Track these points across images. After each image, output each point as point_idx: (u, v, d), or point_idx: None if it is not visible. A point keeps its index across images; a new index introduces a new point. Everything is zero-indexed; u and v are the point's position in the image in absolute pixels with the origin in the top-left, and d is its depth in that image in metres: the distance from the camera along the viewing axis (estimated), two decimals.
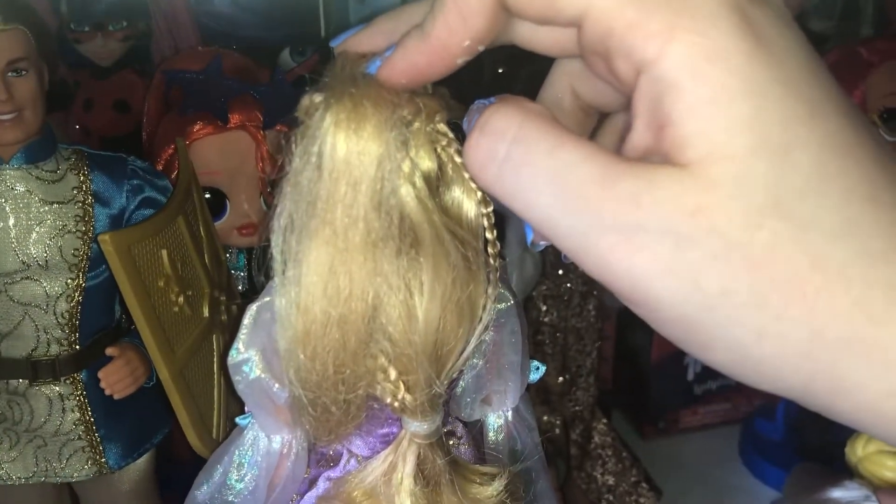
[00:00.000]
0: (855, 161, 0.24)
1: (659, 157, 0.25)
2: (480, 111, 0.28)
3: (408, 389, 0.37)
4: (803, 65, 0.24)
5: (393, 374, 0.37)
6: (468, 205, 0.35)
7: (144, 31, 1.10)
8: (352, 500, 0.43)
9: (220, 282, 0.85)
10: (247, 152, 0.91)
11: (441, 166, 0.34)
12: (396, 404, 0.38)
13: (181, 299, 0.76)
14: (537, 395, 1.15)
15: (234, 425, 0.85)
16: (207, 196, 0.92)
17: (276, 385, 0.52)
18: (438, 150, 0.34)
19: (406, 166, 0.33)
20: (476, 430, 0.59)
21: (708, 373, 1.32)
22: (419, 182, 0.33)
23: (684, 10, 0.24)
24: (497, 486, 0.44)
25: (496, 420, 0.58)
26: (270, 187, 0.92)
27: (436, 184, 0.34)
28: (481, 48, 0.29)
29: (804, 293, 0.23)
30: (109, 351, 0.79)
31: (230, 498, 0.57)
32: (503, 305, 0.53)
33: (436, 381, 0.37)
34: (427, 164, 0.34)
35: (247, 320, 0.52)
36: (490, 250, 0.36)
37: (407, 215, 0.33)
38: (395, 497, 0.41)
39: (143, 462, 0.89)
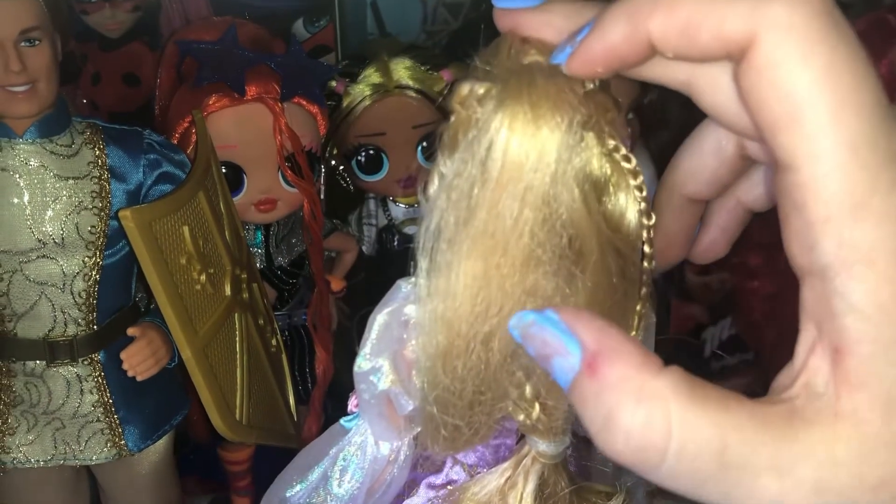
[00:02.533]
0: None
1: (827, 383, 0.23)
2: (560, 353, 0.26)
3: (543, 410, 0.35)
4: None
5: (529, 391, 0.34)
6: (630, 214, 0.32)
7: (153, 1, 1.07)
8: None
9: (241, 259, 0.83)
10: (264, 125, 0.88)
11: (607, 171, 0.31)
12: (529, 423, 0.36)
13: (203, 277, 0.74)
14: None
15: (256, 408, 0.83)
16: (225, 171, 0.89)
17: (405, 397, 0.49)
18: (605, 153, 0.31)
19: (580, 174, 0.30)
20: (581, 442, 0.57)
21: (725, 348, 1.31)
22: (588, 189, 0.30)
23: (889, 238, 0.22)
24: None
25: None
26: (289, 161, 0.90)
27: (601, 190, 0.31)
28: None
29: None
30: (131, 331, 0.77)
31: (329, 502, 0.54)
32: (646, 322, 0.51)
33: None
34: (596, 168, 0.31)
35: (375, 326, 0.49)
36: (646, 264, 0.33)
37: (576, 228, 0.30)
38: None
39: (162, 444, 0.87)
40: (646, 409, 0.23)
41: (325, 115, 0.93)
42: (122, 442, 0.82)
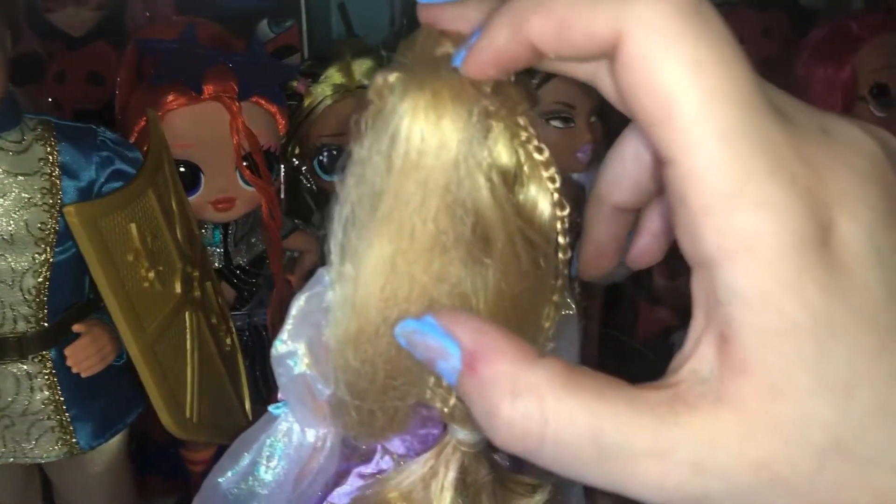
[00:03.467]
0: None
1: (715, 370, 0.23)
2: (443, 356, 0.27)
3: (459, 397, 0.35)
4: (884, 286, 0.23)
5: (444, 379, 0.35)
6: (543, 205, 0.32)
7: (118, 0, 1.07)
8: (387, 501, 0.40)
9: (194, 257, 0.82)
10: (221, 124, 0.88)
11: (519, 162, 0.32)
12: (446, 410, 0.35)
13: (151, 274, 0.74)
14: None
15: (208, 407, 0.83)
16: (182, 169, 0.89)
17: (321, 381, 0.49)
18: (517, 144, 0.31)
19: (485, 161, 0.30)
20: None
21: None
22: (496, 179, 0.31)
23: (766, 225, 0.22)
24: (539, 499, 0.42)
25: None
26: (247, 160, 0.90)
27: (512, 181, 0.32)
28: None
29: None
30: (76, 328, 0.77)
31: (256, 488, 0.55)
32: (565, 314, 0.51)
33: None
34: (505, 158, 0.31)
35: (294, 311, 0.50)
36: (561, 255, 0.33)
37: (481, 216, 0.31)
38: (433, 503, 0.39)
39: (115, 442, 0.87)
40: (522, 401, 0.24)
41: (284, 114, 0.93)
42: (74, 440, 0.82)
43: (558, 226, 0.32)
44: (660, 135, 0.23)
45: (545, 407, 0.24)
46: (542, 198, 0.32)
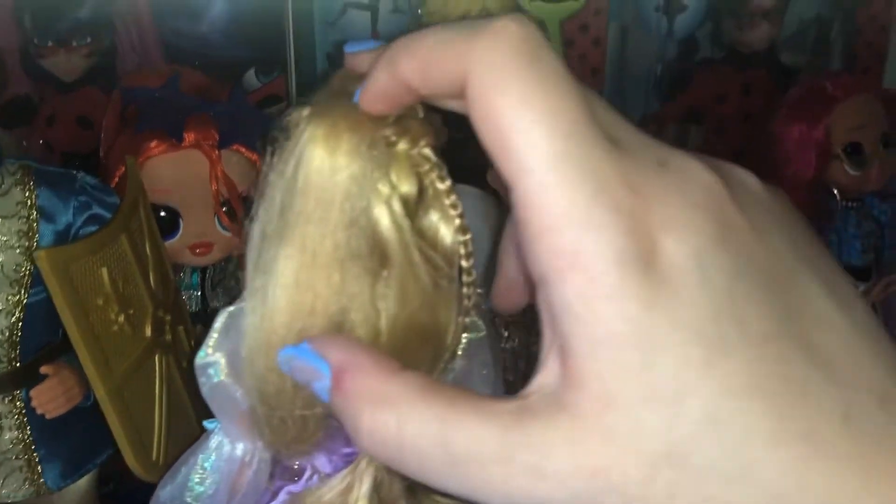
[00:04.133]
0: (761, 397, 0.23)
1: (559, 382, 0.25)
2: (316, 377, 0.29)
3: None
4: (718, 296, 0.24)
5: None
6: (444, 231, 0.35)
7: (109, 47, 1.10)
8: None
9: (166, 301, 0.84)
10: (201, 171, 0.90)
11: (421, 190, 0.34)
12: None
13: (122, 318, 0.75)
14: None
15: (175, 449, 0.84)
16: (162, 214, 0.91)
17: (240, 392, 0.51)
18: (420, 173, 0.34)
19: (384, 187, 0.32)
20: None
21: None
22: (396, 204, 0.33)
23: (590, 244, 0.24)
24: None
25: None
26: (225, 207, 0.92)
27: (414, 207, 0.34)
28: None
29: None
30: (44, 369, 0.78)
31: (189, 500, 0.56)
32: (474, 335, 0.52)
33: None
34: (406, 186, 0.33)
35: (218, 324, 0.52)
36: (465, 278, 0.35)
37: (379, 235, 0.33)
38: None
39: (83, 483, 0.88)
40: (380, 411, 0.26)
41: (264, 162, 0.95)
42: (41, 480, 0.82)
43: (462, 250, 0.34)
44: (501, 164, 0.25)
45: (400, 415, 0.26)
46: (444, 223, 0.34)
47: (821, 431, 0.23)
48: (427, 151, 0.33)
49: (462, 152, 0.38)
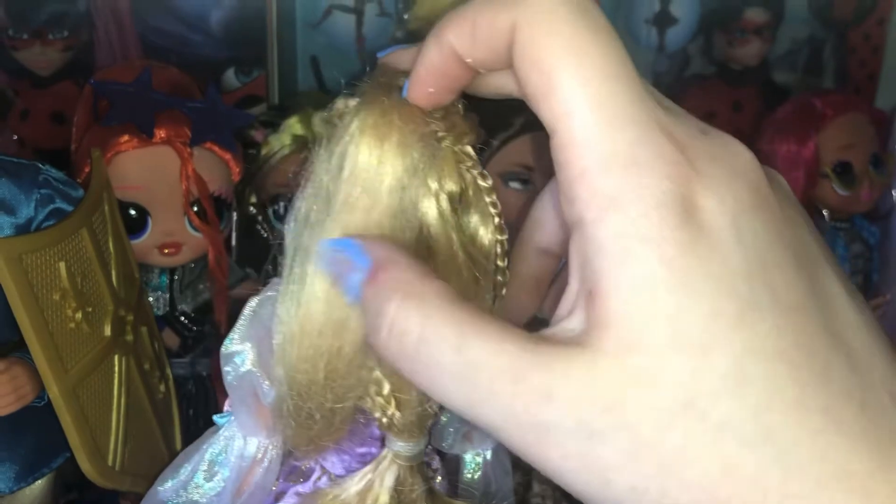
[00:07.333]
0: (787, 364, 0.23)
1: (583, 324, 0.25)
2: (352, 269, 0.29)
3: (398, 406, 0.37)
4: (751, 258, 0.24)
5: (386, 387, 0.36)
6: (484, 230, 0.35)
7: (87, 41, 1.08)
8: None
9: (129, 301, 0.81)
10: (171, 169, 0.88)
11: (463, 187, 0.35)
12: (385, 420, 0.37)
13: (79, 315, 0.72)
14: None
15: (133, 455, 0.81)
16: (132, 212, 0.89)
17: (266, 382, 0.50)
18: (463, 171, 0.34)
19: (433, 182, 0.33)
20: (452, 467, 0.57)
21: None
22: (444, 199, 0.34)
23: (633, 186, 0.24)
24: None
25: (474, 459, 0.57)
26: (195, 206, 0.89)
27: (457, 201, 0.35)
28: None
29: (715, 499, 0.22)
30: None
31: (195, 497, 0.54)
32: None
33: (429, 400, 0.37)
34: (451, 182, 0.34)
35: (246, 312, 0.51)
36: (499, 278, 0.36)
37: (427, 228, 0.33)
38: None
39: (38, 487, 0.84)
40: (407, 304, 0.27)
41: (238, 161, 0.93)
42: None
43: (498, 249, 0.35)
44: (544, 107, 0.26)
45: (425, 313, 0.26)
46: (484, 221, 0.35)
47: (840, 411, 0.23)
48: (469, 149, 0.34)
49: None
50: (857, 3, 1.31)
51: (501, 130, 0.96)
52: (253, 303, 0.51)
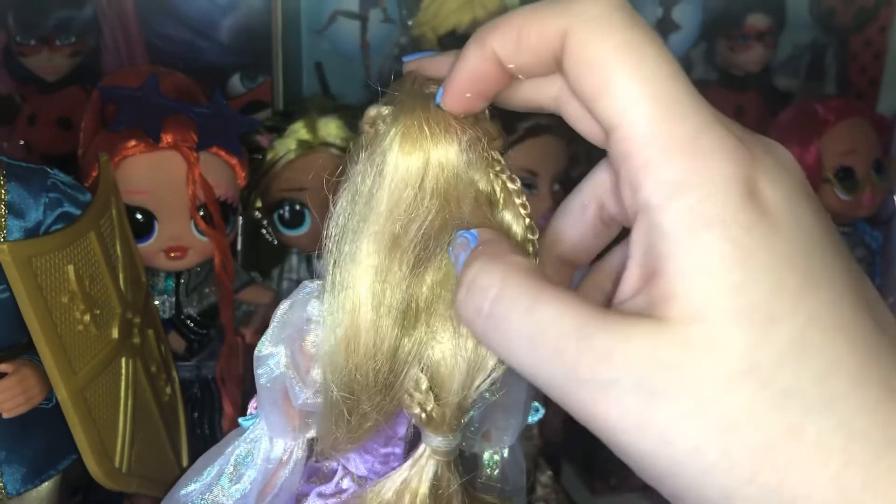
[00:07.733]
0: (845, 337, 0.24)
1: (646, 302, 0.26)
2: (465, 248, 0.32)
3: (437, 401, 0.38)
4: (807, 238, 0.25)
5: (424, 384, 0.38)
6: (516, 228, 0.37)
7: (94, 47, 1.09)
8: None
9: (136, 303, 0.82)
10: (178, 173, 0.89)
11: (494, 189, 0.36)
12: (423, 416, 0.39)
13: (87, 317, 0.73)
14: None
15: (139, 457, 0.82)
16: (138, 216, 0.89)
17: (298, 384, 0.50)
18: (492, 175, 0.36)
19: (471, 183, 0.35)
20: (468, 466, 0.58)
21: None
22: (481, 199, 0.35)
23: (697, 171, 0.25)
24: None
25: (492, 457, 0.57)
26: (201, 211, 0.90)
27: (490, 204, 0.36)
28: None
29: (776, 462, 0.23)
30: (2, 367, 0.76)
31: (220, 499, 0.54)
32: None
33: (465, 395, 0.38)
34: (483, 184, 0.36)
35: (277, 315, 0.52)
36: None
37: (466, 225, 0.35)
38: None
39: (45, 489, 0.85)
40: (490, 265, 0.29)
41: (244, 166, 0.93)
42: (0, 484, 0.80)
43: (530, 248, 0.37)
44: (601, 105, 0.27)
45: (504, 274, 0.28)
46: (516, 222, 0.37)
47: (895, 385, 0.24)
48: (497, 154, 0.36)
49: None
50: (858, 11, 1.32)
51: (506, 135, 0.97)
52: (284, 306, 0.52)
